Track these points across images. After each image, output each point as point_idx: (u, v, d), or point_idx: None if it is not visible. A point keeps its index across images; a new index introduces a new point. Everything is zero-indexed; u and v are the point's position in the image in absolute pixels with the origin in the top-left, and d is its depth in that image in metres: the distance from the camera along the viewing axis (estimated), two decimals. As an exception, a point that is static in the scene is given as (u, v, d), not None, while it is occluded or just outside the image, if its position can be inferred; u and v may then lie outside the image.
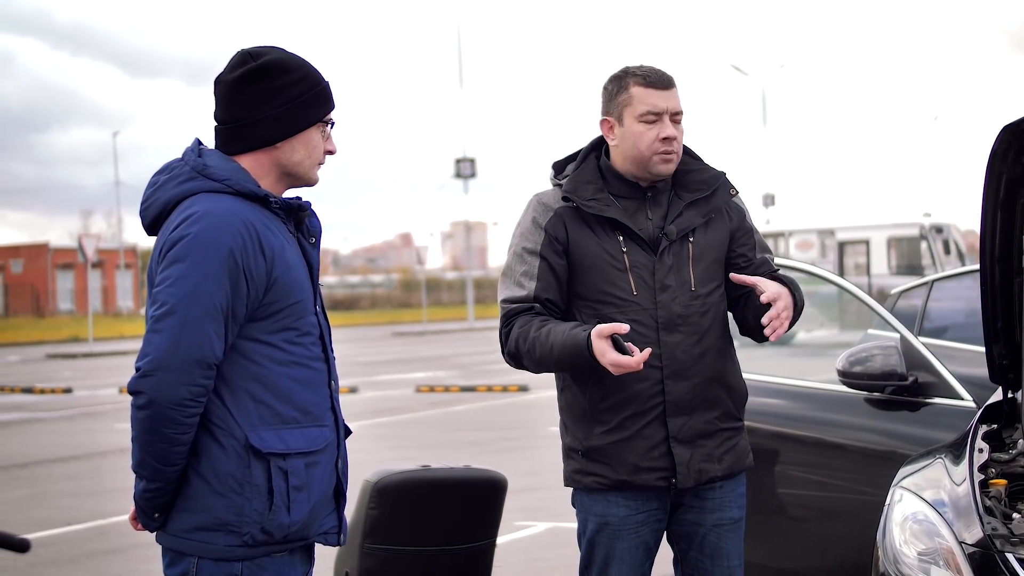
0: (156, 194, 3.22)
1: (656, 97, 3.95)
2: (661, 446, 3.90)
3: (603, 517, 3.97)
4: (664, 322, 3.90)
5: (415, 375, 24.93)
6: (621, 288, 3.92)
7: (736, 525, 4.06)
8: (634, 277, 3.92)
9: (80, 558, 8.66)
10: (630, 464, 3.91)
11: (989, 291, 4.39)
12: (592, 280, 3.94)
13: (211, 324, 3.05)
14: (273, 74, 3.21)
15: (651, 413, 3.90)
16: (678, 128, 3.98)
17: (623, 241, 3.94)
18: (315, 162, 3.31)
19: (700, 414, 3.93)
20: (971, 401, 5.16)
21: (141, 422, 3.05)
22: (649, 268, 3.93)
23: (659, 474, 3.91)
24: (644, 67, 4.01)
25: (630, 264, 3.93)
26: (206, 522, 3.12)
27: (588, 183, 4.00)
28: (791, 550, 5.62)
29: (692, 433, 3.92)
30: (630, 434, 3.90)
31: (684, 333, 3.90)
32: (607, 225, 3.95)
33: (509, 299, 3.98)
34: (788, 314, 3.81)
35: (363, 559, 4.75)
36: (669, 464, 3.90)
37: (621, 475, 3.92)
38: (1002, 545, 3.45)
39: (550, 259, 3.96)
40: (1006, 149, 4.13)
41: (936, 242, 29.37)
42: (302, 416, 3.19)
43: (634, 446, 3.90)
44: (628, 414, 3.90)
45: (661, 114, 3.94)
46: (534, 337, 3.86)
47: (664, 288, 3.92)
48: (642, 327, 3.88)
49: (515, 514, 8.83)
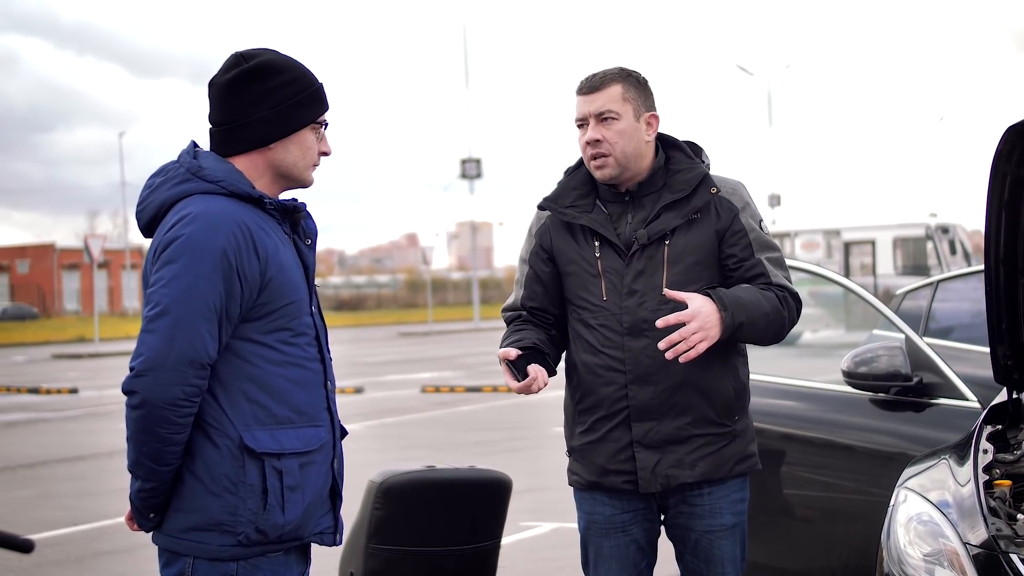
0: (151, 196, 3.23)
1: (581, 103, 3.97)
2: (627, 450, 3.91)
3: (591, 515, 4.02)
4: (629, 327, 3.89)
5: (421, 375, 24.94)
6: (593, 293, 3.95)
7: (730, 531, 4.01)
8: (606, 282, 3.93)
9: (85, 558, 8.67)
10: (598, 466, 3.95)
11: (994, 292, 4.39)
12: (571, 286, 4.00)
13: (205, 324, 3.06)
14: (266, 75, 3.22)
15: (617, 417, 3.91)
16: (609, 128, 3.91)
17: (598, 247, 3.96)
18: (309, 163, 3.32)
19: (670, 420, 3.89)
20: (976, 402, 5.16)
21: (135, 422, 3.06)
22: (619, 273, 3.93)
23: (624, 477, 3.92)
24: (587, 75, 4.00)
25: (603, 269, 3.94)
26: (200, 522, 3.13)
27: (574, 189, 4.03)
28: (796, 550, 5.62)
29: (660, 438, 3.89)
30: (599, 436, 3.95)
31: (651, 338, 3.85)
32: (586, 232, 3.98)
33: (504, 308, 4.16)
34: (697, 339, 3.68)
35: (368, 559, 4.76)
36: (633, 468, 3.91)
37: (592, 476, 3.98)
38: (1006, 546, 3.44)
39: (536, 267, 4.05)
40: (1011, 150, 4.12)
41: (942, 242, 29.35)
42: (297, 416, 3.20)
43: (602, 448, 3.95)
44: (598, 416, 3.95)
45: (585, 118, 3.95)
46: None
47: (631, 293, 3.90)
48: (609, 331, 3.91)
49: (520, 514, 8.84)
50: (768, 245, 3.99)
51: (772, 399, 5.65)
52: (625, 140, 3.92)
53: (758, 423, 5.58)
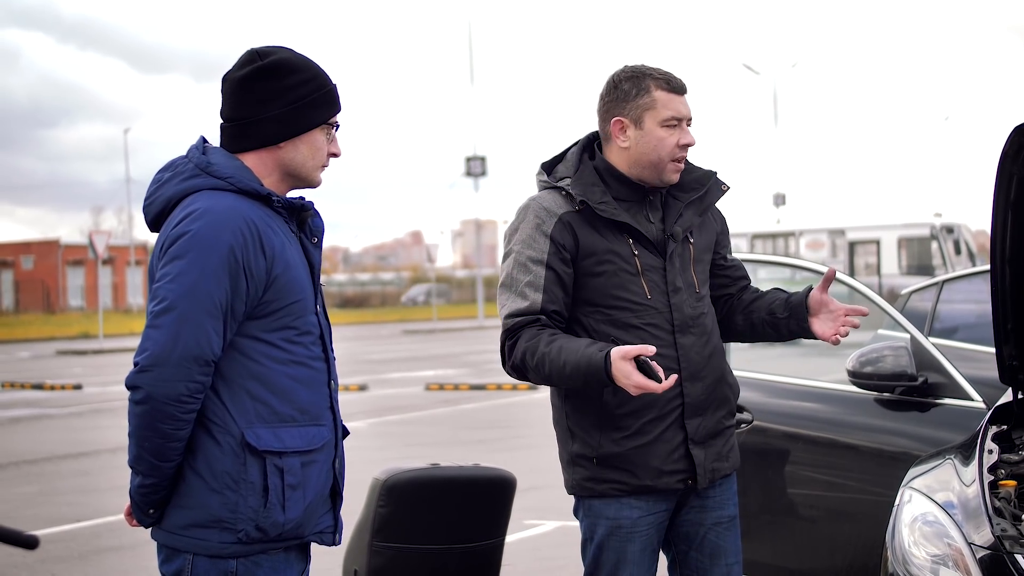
0: (159, 191, 3.23)
1: (679, 103, 3.92)
2: (680, 448, 3.90)
3: (616, 520, 3.92)
4: (679, 324, 3.90)
5: (425, 373, 24.94)
6: (635, 292, 3.88)
7: (733, 523, 4.06)
8: (647, 281, 3.89)
9: (89, 554, 8.68)
10: (653, 468, 3.87)
11: (999, 292, 4.38)
12: (604, 285, 3.87)
13: (210, 321, 3.05)
14: (280, 74, 3.22)
15: (671, 416, 3.88)
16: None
17: (633, 244, 3.90)
18: (318, 164, 3.31)
19: (711, 414, 3.95)
20: (981, 402, 5.16)
21: (138, 417, 3.06)
22: (660, 271, 3.91)
23: (679, 476, 3.91)
24: (662, 70, 3.95)
25: (642, 268, 3.89)
26: (201, 519, 3.12)
27: (593, 185, 3.91)
28: (800, 550, 5.61)
29: (705, 433, 3.93)
30: (651, 438, 3.87)
31: (695, 334, 3.92)
32: (616, 229, 3.90)
33: (514, 312, 3.86)
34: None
35: (372, 557, 4.75)
36: (688, 466, 3.90)
37: (644, 480, 3.88)
38: (1011, 547, 3.44)
39: (557, 269, 3.86)
40: (1018, 150, 4.12)
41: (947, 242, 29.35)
42: (300, 415, 3.19)
43: (656, 450, 3.87)
44: (649, 418, 3.87)
45: (682, 120, 3.92)
46: (543, 352, 3.76)
47: (676, 290, 3.91)
48: (658, 330, 3.87)
49: (524, 513, 8.83)
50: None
51: (777, 399, 5.65)
52: None
53: (763, 422, 5.59)
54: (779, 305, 4.05)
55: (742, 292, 4.19)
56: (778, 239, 33.39)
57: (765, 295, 4.14)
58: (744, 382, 5.58)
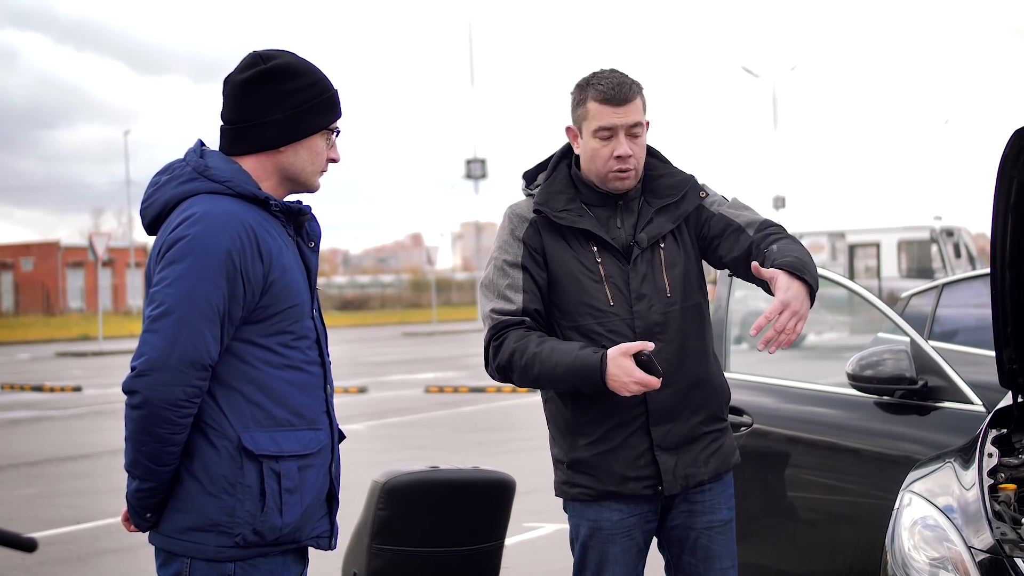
0: (156, 194, 3.23)
1: (610, 114, 3.86)
2: (646, 455, 3.88)
3: (596, 522, 3.95)
4: (641, 331, 3.86)
5: (424, 375, 24.94)
6: (598, 299, 3.88)
7: (727, 526, 4.02)
8: (610, 287, 3.88)
9: (89, 556, 8.68)
10: (616, 474, 3.89)
11: (999, 295, 4.38)
12: (569, 292, 3.89)
13: (207, 325, 3.05)
14: (282, 78, 3.22)
15: (634, 423, 3.87)
16: (636, 142, 3.89)
17: (597, 252, 3.90)
18: (317, 169, 3.31)
19: (684, 420, 3.90)
20: (981, 405, 5.15)
21: (135, 421, 3.05)
22: (624, 278, 3.89)
23: (646, 482, 3.89)
24: (604, 79, 3.89)
25: (605, 275, 3.89)
26: (198, 522, 3.12)
27: (560, 193, 3.95)
28: (800, 553, 5.61)
29: (677, 440, 3.89)
30: (614, 445, 3.89)
31: (664, 340, 3.85)
32: (580, 236, 3.91)
33: (499, 311, 3.88)
34: (793, 326, 3.51)
35: (371, 560, 4.75)
36: (655, 472, 3.88)
37: (608, 486, 3.90)
38: (1011, 550, 3.44)
39: (532, 271, 3.91)
40: (1018, 153, 4.12)
41: (947, 245, 29.33)
42: (296, 419, 3.19)
43: (619, 456, 3.88)
44: (611, 425, 3.88)
45: (615, 130, 3.87)
46: (534, 353, 3.78)
47: (640, 297, 3.88)
48: (620, 337, 3.84)
49: (524, 515, 8.82)
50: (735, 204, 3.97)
51: (777, 402, 5.65)
52: (643, 152, 3.95)
53: (763, 425, 5.59)
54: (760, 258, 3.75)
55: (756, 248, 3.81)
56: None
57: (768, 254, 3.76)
58: (744, 385, 5.59)
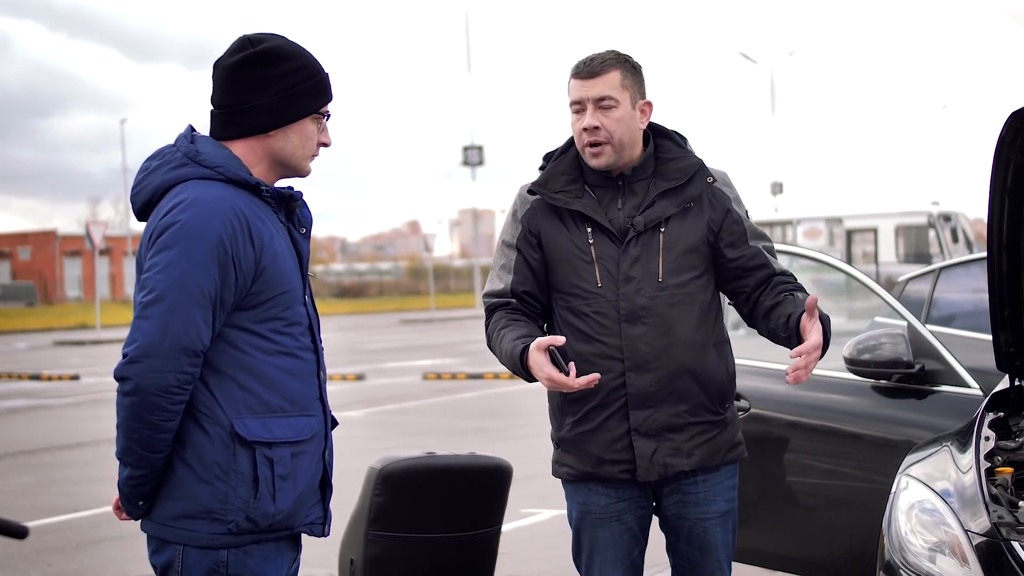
0: (147, 179, 3.21)
1: (578, 87, 3.90)
2: (624, 439, 3.87)
3: (585, 505, 3.97)
4: (627, 314, 3.85)
5: (422, 362, 24.95)
6: (587, 280, 3.89)
7: (723, 518, 3.98)
8: (600, 269, 3.88)
9: (86, 544, 8.68)
10: (594, 456, 3.90)
11: (996, 279, 4.38)
12: (563, 273, 3.92)
13: (199, 312, 3.04)
14: (272, 61, 3.20)
15: (613, 405, 3.86)
16: (607, 115, 3.87)
17: (591, 233, 3.91)
18: (308, 153, 3.29)
19: (668, 407, 3.86)
20: (978, 389, 5.15)
21: (127, 408, 3.04)
22: (615, 259, 3.89)
23: (622, 467, 3.88)
24: (587, 57, 3.93)
25: (596, 256, 3.89)
26: (190, 510, 3.11)
27: (562, 174, 3.96)
28: (798, 537, 5.61)
29: (657, 426, 3.86)
30: (594, 426, 3.89)
31: (648, 325, 3.84)
32: (577, 217, 3.92)
33: (489, 293, 4.03)
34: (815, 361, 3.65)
35: (368, 546, 4.75)
36: (631, 457, 3.87)
37: (586, 467, 3.92)
38: (1008, 533, 3.44)
39: (525, 252, 3.95)
40: (1014, 136, 4.11)
41: (944, 230, 29.33)
42: (289, 405, 3.18)
43: (597, 438, 3.89)
44: (592, 405, 3.88)
45: (583, 102, 3.89)
46: (493, 338, 3.94)
47: (628, 280, 3.87)
48: (605, 319, 3.85)
49: (521, 501, 8.83)
50: (760, 234, 4.02)
51: (774, 385, 5.64)
52: (622, 128, 3.90)
53: (760, 410, 5.59)
54: (782, 325, 3.83)
55: (761, 288, 3.95)
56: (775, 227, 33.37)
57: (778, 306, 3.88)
58: (741, 370, 5.56)
